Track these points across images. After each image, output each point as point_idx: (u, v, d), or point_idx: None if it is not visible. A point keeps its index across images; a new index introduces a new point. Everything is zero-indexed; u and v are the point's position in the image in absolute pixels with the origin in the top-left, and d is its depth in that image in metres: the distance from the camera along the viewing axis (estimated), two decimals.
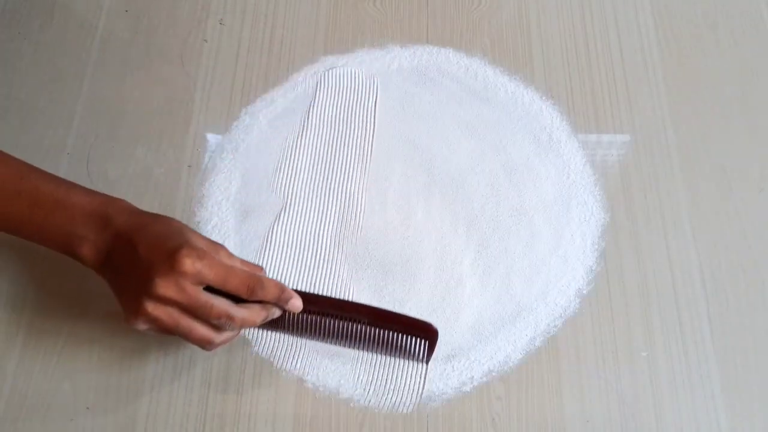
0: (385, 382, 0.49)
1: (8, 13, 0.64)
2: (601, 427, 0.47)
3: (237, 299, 0.43)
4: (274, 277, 0.53)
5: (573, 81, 0.60)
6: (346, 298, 0.51)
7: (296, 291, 0.45)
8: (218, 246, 0.44)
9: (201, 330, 0.43)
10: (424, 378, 0.49)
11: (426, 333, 0.47)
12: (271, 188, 0.56)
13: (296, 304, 0.45)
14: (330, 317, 0.47)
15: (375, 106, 0.60)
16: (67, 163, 0.57)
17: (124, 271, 0.43)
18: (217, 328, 0.43)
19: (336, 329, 0.47)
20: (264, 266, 0.53)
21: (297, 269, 0.53)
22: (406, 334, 0.47)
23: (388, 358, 0.49)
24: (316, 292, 0.50)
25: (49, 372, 0.50)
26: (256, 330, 0.50)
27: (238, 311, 0.43)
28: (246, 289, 0.42)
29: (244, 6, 0.65)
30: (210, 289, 0.42)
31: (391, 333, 0.47)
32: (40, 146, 0.58)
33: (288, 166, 0.57)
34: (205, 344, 0.44)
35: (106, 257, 0.43)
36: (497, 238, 0.53)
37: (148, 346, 0.51)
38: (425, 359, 0.48)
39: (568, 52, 0.61)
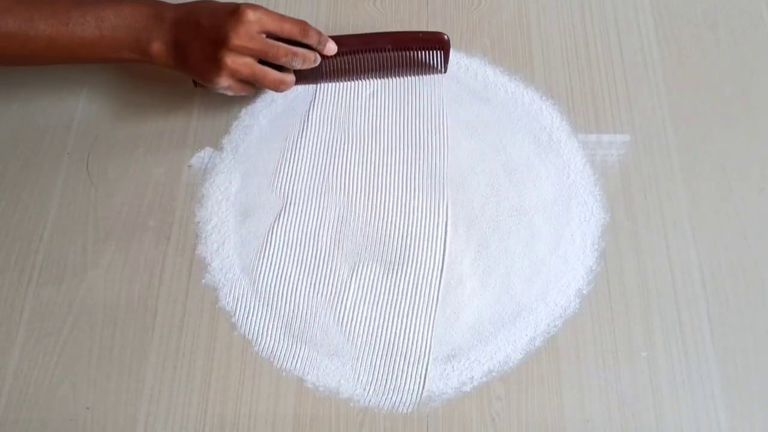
0: (385, 382, 0.49)
1: None
2: (601, 427, 0.47)
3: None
4: (275, 277, 0.53)
5: (573, 81, 0.60)
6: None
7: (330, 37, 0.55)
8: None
9: (274, 73, 0.53)
10: (424, 378, 0.49)
11: (441, 44, 0.57)
12: (271, 188, 0.56)
13: (332, 47, 0.55)
14: (359, 53, 0.56)
15: (375, 106, 0.60)
16: (67, 163, 0.58)
17: (194, 45, 0.50)
18: (284, 70, 0.54)
19: (365, 63, 0.57)
20: (264, 266, 0.53)
21: (297, 269, 0.53)
22: (424, 49, 0.57)
23: (411, 77, 0.59)
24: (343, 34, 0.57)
25: (49, 372, 0.50)
26: (297, 89, 0.59)
27: (298, 48, 0.53)
28: (299, 30, 0.52)
29: None
30: None
31: (411, 52, 0.57)
32: (40, 146, 0.58)
33: (288, 166, 0.57)
34: (279, 84, 0.53)
35: (173, 46, 0.51)
36: (497, 238, 0.53)
37: (149, 345, 0.51)
38: (443, 69, 0.59)
39: (568, 52, 0.61)
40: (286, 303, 0.52)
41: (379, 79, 0.59)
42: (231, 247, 0.54)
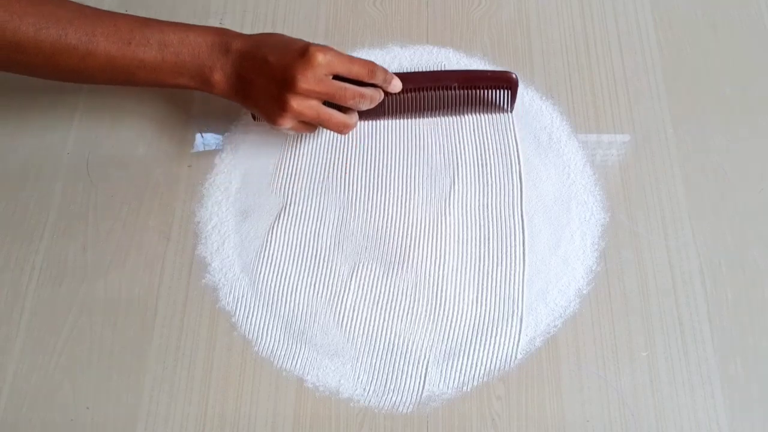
0: (385, 382, 0.49)
1: None
2: (601, 427, 0.47)
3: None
4: (275, 277, 0.53)
5: (573, 81, 0.60)
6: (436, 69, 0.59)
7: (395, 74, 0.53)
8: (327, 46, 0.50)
9: (339, 115, 0.51)
10: (424, 378, 0.49)
11: (508, 83, 0.55)
12: (271, 188, 0.56)
13: (397, 84, 0.53)
14: (423, 91, 0.55)
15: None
16: (67, 163, 0.57)
17: (258, 82, 0.49)
18: (348, 110, 0.52)
19: (429, 100, 0.56)
20: (264, 266, 0.53)
21: (297, 269, 0.53)
22: (490, 88, 0.56)
23: (474, 117, 0.57)
24: (406, 71, 0.57)
25: (49, 372, 0.50)
26: (357, 130, 0.58)
27: (365, 89, 0.51)
28: (367, 72, 0.50)
29: (244, 6, 0.65)
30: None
31: (477, 90, 0.55)
32: (40, 146, 0.58)
33: (288, 166, 0.57)
34: (342, 127, 0.52)
35: (236, 79, 0.49)
36: (497, 237, 0.53)
37: (149, 345, 0.51)
38: (509, 108, 0.57)
39: (568, 52, 0.61)
40: (286, 303, 0.52)
41: (444, 117, 0.57)
42: (231, 247, 0.54)
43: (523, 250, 0.53)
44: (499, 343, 0.50)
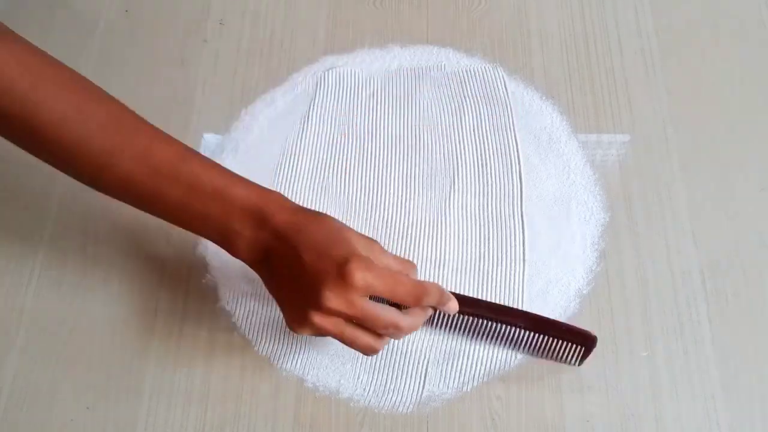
0: (385, 382, 0.49)
1: (8, 12, 0.64)
2: (601, 427, 0.47)
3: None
4: None
5: (573, 81, 0.60)
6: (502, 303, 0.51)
7: (452, 293, 0.45)
8: (373, 243, 0.42)
9: (365, 339, 0.42)
10: (425, 378, 0.49)
11: (584, 339, 0.47)
12: (271, 188, 0.56)
13: (453, 307, 0.45)
14: (484, 319, 0.48)
15: (375, 105, 0.60)
16: None
17: (285, 277, 0.41)
18: (381, 335, 0.42)
19: (489, 330, 0.49)
20: None
21: None
22: (562, 340, 0.48)
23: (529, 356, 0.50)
24: (470, 296, 0.49)
25: (49, 372, 0.50)
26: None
27: (404, 320, 0.42)
28: (413, 299, 0.41)
29: (244, 6, 0.65)
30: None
31: (547, 338, 0.48)
32: None
33: (288, 166, 0.57)
34: (368, 351, 0.43)
35: (264, 256, 0.42)
36: (497, 237, 0.53)
37: (149, 345, 0.51)
38: (578, 363, 0.49)
39: (568, 52, 0.61)
40: None
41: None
42: None
43: (523, 250, 0.53)
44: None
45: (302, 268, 0.40)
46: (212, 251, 0.54)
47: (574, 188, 0.55)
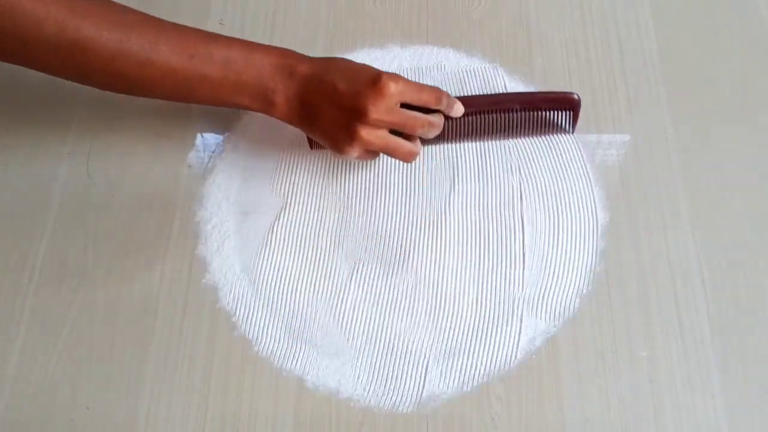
0: (385, 382, 0.49)
1: None
2: (601, 427, 0.47)
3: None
4: (275, 277, 0.53)
5: (573, 81, 0.60)
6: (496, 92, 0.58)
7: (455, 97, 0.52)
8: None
9: (406, 144, 0.50)
10: (424, 378, 0.49)
11: (570, 104, 0.54)
12: (271, 188, 0.56)
13: (459, 109, 0.52)
14: (484, 114, 0.54)
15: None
16: (67, 163, 0.58)
17: (325, 109, 0.47)
18: (414, 139, 0.51)
19: (489, 123, 0.54)
20: (264, 266, 0.53)
21: (297, 269, 0.53)
22: (552, 109, 0.55)
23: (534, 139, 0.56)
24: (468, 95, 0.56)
25: (49, 372, 0.50)
26: (422, 148, 0.55)
27: (433, 117, 0.50)
28: (435, 99, 0.49)
29: (244, 6, 0.65)
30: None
31: (539, 112, 0.54)
32: (40, 146, 0.58)
33: (288, 166, 0.57)
34: (409, 156, 0.51)
35: (299, 104, 0.48)
36: (497, 237, 0.53)
37: (149, 345, 0.51)
38: (571, 129, 0.56)
39: (568, 52, 0.61)
40: (286, 303, 0.52)
41: (503, 140, 0.56)
42: (231, 247, 0.54)
43: (523, 250, 0.53)
44: (499, 343, 0.50)
45: (341, 96, 0.47)
46: (212, 251, 0.54)
47: (574, 188, 0.55)
